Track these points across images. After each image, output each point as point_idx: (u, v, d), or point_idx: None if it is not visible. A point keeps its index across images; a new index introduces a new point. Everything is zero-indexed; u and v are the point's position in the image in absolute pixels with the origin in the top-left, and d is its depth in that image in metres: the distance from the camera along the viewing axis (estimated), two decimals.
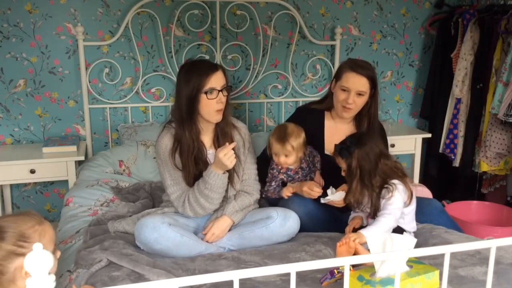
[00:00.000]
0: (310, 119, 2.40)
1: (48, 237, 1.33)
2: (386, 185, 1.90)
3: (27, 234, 1.28)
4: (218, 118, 2.08)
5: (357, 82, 2.26)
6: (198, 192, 2.03)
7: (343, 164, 1.96)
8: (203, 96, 2.01)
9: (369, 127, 2.36)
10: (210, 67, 2.05)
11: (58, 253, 1.39)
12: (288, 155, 2.21)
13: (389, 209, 1.85)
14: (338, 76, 2.34)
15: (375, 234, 1.74)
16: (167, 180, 2.10)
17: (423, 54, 3.61)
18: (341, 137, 2.40)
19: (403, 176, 1.94)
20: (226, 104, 2.09)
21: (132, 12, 2.91)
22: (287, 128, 2.24)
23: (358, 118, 2.40)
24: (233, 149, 1.98)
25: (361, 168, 1.90)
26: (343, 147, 1.95)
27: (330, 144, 2.37)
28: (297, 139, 2.20)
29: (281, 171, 2.28)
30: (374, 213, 1.91)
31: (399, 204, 1.87)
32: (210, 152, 2.14)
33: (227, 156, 1.93)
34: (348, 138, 1.99)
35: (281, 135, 2.20)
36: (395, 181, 1.89)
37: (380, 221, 1.84)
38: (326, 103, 2.43)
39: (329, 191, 2.11)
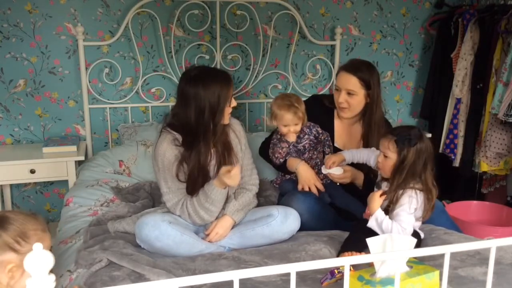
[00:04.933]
0: (321, 112, 2.47)
1: (44, 246, 1.33)
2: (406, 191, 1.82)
3: (28, 234, 1.30)
4: (228, 118, 2.15)
5: (346, 81, 2.31)
6: (199, 205, 2.04)
7: (390, 153, 1.83)
8: (227, 105, 2.07)
9: (372, 127, 2.37)
10: (226, 76, 2.09)
11: None
12: (298, 123, 2.30)
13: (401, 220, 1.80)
14: (336, 77, 2.41)
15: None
16: (163, 188, 2.10)
17: (423, 54, 3.61)
18: (349, 137, 2.45)
19: (431, 199, 1.84)
20: None
21: (132, 12, 2.91)
22: (291, 96, 2.34)
23: (363, 120, 2.43)
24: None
25: (412, 165, 1.79)
26: (404, 136, 1.79)
27: (339, 139, 2.46)
28: (301, 104, 2.31)
29: (279, 137, 2.38)
30: (386, 211, 1.86)
31: (412, 220, 1.83)
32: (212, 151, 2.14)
33: (232, 178, 1.94)
34: (410, 128, 1.85)
35: (290, 104, 2.27)
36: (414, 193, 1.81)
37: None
38: (334, 103, 2.47)
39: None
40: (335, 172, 2.24)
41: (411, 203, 1.81)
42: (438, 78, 3.44)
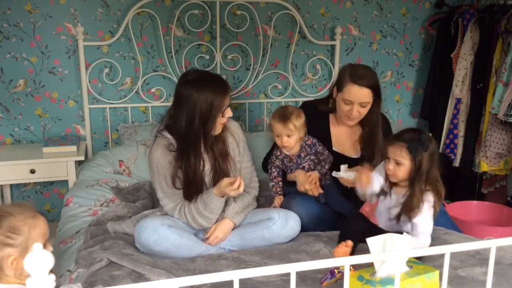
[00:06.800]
0: (316, 117, 2.40)
1: (39, 230, 1.37)
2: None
3: (17, 226, 1.33)
4: (221, 129, 2.10)
5: (360, 94, 2.22)
6: (197, 213, 2.04)
7: (403, 160, 1.74)
8: (219, 115, 2.02)
9: (372, 127, 2.35)
10: (223, 85, 2.04)
11: (50, 248, 1.42)
12: (290, 135, 2.21)
13: (422, 229, 1.73)
14: (339, 86, 2.29)
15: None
16: (159, 193, 2.09)
17: (423, 54, 3.61)
18: (347, 139, 2.40)
19: (440, 198, 1.79)
20: None
21: (132, 12, 2.91)
22: (288, 108, 2.28)
23: (362, 120, 2.37)
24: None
25: (429, 169, 1.72)
26: (415, 142, 1.70)
27: (338, 143, 2.40)
28: (298, 119, 2.22)
29: (279, 157, 2.31)
30: (398, 218, 1.79)
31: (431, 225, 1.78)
32: (204, 157, 2.12)
33: (234, 190, 1.94)
34: (417, 132, 1.75)
35: (283, 114, 2.22)
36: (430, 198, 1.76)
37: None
38: (330, 107, 2.42)
39: (342, 167, 2.13)
40: (349, 177, 2.14)
41: (430, 208, 1.77)
42: (438, 78, 3.44)
